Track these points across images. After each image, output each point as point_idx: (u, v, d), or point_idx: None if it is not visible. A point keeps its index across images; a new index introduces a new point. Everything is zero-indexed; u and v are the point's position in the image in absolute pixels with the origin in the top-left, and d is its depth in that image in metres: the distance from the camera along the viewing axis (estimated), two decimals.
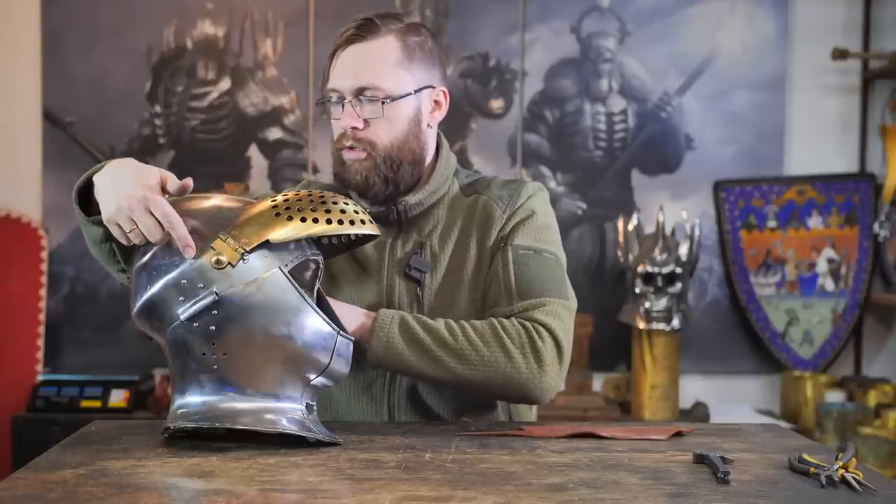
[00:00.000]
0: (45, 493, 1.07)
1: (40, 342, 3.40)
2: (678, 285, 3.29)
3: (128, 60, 3.52)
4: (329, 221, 1.28)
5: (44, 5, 3.49)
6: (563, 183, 3.55)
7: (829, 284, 3.54)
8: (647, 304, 3.27)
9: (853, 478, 1.12)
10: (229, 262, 1.26)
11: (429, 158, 1.63)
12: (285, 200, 1.29)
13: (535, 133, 3.55)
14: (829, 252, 3.55)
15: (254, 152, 3.56)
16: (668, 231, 3.36)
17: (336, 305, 1.48)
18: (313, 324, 1.29)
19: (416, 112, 1.58)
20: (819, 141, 3.58)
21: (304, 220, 1.27)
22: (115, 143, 3.52)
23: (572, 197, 3.54)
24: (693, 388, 3.52)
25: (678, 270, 3.28)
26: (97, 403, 3.22)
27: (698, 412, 3.31)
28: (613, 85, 3.56)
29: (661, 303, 3.27)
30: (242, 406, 1.29)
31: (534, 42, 3.55)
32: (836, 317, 3.53)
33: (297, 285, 1.29)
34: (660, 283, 3.27)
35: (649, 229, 3.42)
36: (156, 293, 1.27)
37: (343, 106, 1.54)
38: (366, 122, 1.54)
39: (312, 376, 1.31)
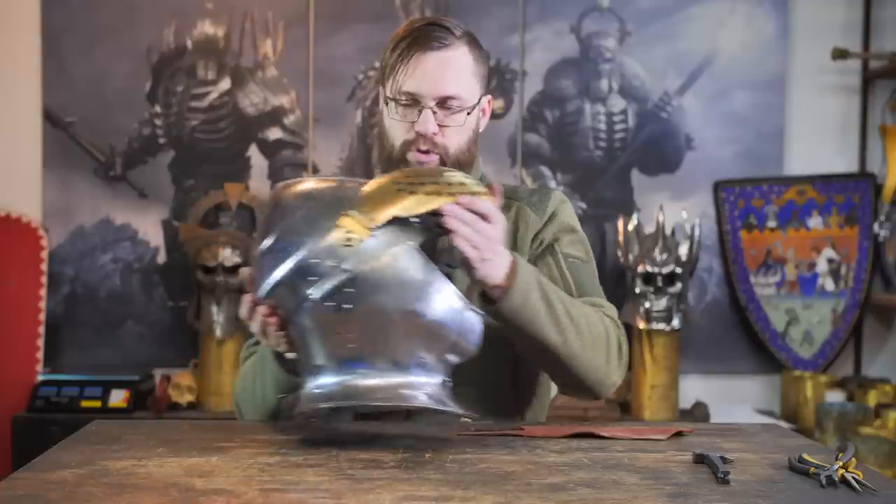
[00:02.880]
0: (45, 493, 1.07)
1: (40, 342, 3.39)
2: (678, 285, 3.29)
3: (128, 60, 3.52)
4: (451, 194, 1.28)
5: (44, 5, 3.49)
6: (563, 183, 3.55)
7: (829, 284, 3.54)
8: (647, 304, 3.27)
9: (853, 478, 1.12)
10: (359, 239, 1.25)
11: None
12: (406, 176, 1.30)
13: (535, 133, 3.55)
14: (829, 252, 3.55)
15: (254, 152, 3.55)
16: (668, 231, 3.36)
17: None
18: (445, 298, 1.27)
19: (478, 119, 1.64)
20: (819, 141, 3.58)
21: (428, 193, 1.27)
22: (115, 143, 3.52)
23: (572, 197, 3.53)
24: (693, 388, 3.52)
25: (678, 270, 3.28)
26: (97, 403, 3.22)
27: (698, 412, 3.31)
28: (613, 85, 3.56)
29: (661, 303, 3.27)
30: (376, 382, 1.28)
31: (534, 42, 3.55)
32: (836, 317, 3.53)
33: (427, 259, 1.27)
34: (660, 283, 3.27)
35: (649, 229, 3.42)
36: (286, 274, 1.26)
37: (420, 111, 1.56)
38: (441, 127, 1.57)
39: (443, 351, 1.29)
